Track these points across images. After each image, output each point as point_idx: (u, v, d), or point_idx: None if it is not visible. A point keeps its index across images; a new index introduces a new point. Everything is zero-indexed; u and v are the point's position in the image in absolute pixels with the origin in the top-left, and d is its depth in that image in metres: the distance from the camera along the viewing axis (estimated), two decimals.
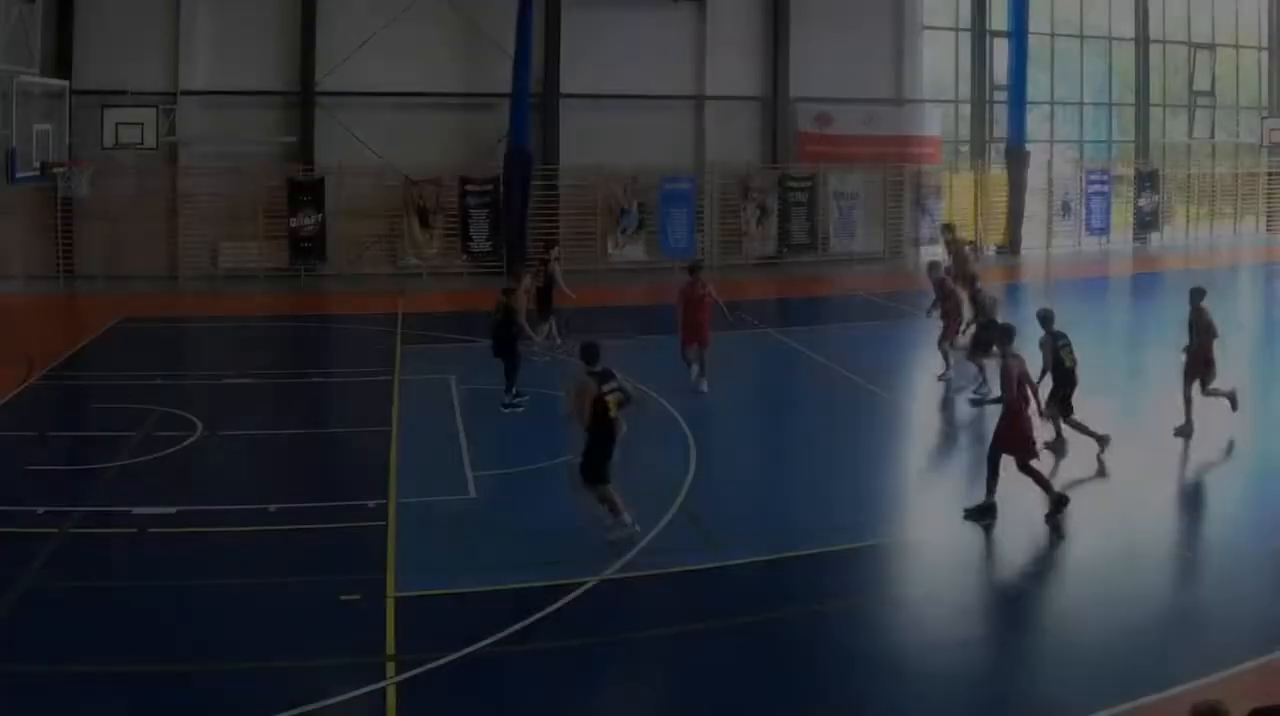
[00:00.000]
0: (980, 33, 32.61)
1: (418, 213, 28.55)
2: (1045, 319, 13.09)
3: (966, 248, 21.08)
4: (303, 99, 28.45)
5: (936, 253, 25.46)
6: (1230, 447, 13.92)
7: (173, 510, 11.75)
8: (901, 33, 31.26)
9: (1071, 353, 12.96)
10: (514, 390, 15.52)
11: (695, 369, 16.17)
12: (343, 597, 9.64)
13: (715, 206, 30.39)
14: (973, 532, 11.21)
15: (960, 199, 32.18)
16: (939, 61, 33.17)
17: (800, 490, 12.46)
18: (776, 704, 8.09)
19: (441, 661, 8.48)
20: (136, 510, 11.70)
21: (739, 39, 30.42)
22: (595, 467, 10.62)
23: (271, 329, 21.74)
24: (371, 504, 11.25)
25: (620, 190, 29.37)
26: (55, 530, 11.25)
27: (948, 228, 22.82)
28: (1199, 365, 13.90)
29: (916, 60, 31.78)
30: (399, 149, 28.36)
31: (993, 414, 12.71)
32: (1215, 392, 14.07)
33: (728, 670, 8.61)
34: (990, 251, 32.54)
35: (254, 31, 28.40)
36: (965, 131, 33.50)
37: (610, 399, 10.55)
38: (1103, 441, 13.10)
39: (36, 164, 22.89)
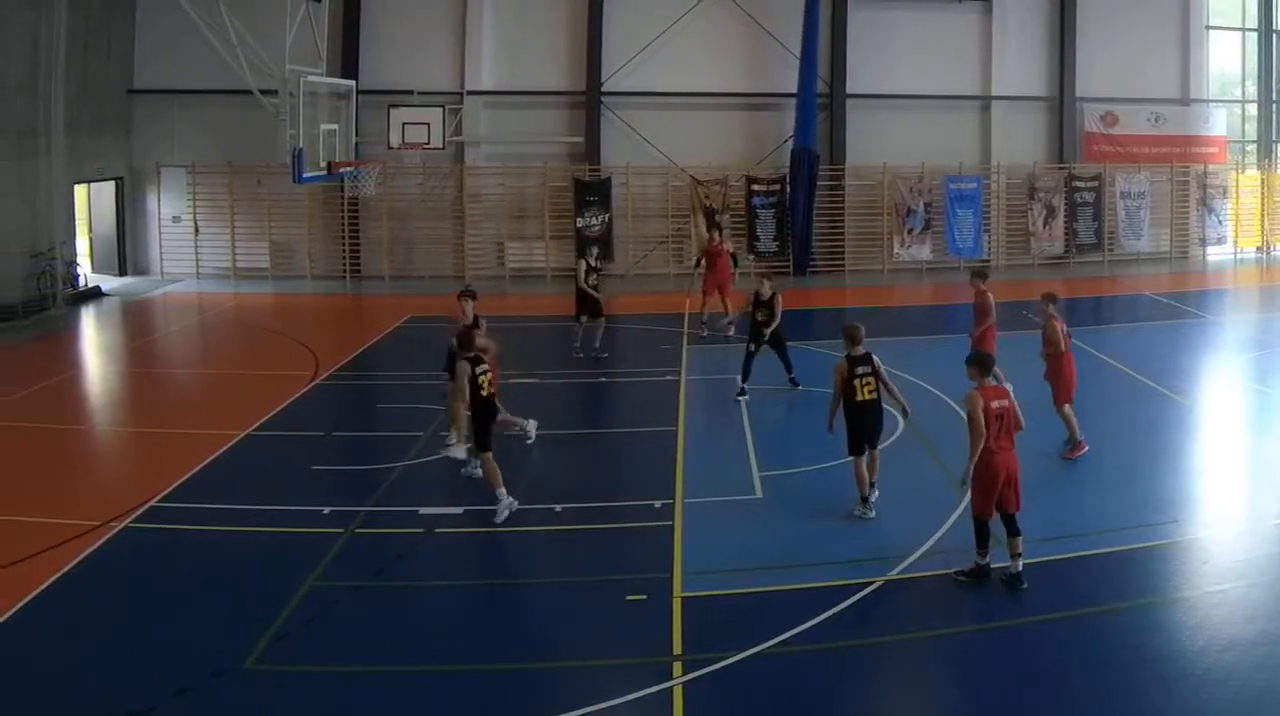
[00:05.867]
0: (1267, 32, 31.82)
1: (704, 212, 28.34)
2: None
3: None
4: (588, 99, 28.48)
5: None
6: None
7: (459, 510, 11.72)
8: (1186, 32, 30.66)
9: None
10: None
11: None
12: (629, 597, 9.63)
13: (1002, 206, 29.88)
14: (1263, 532, 10.84)
15: (1246, 199, 31.36)
16: (1225, 61, 32.46)
17: (1090, 490, 12.07)
18: (1063, 704, 7.90)
19: (728, 661, 8.40)
20: (423, 510, 11.67)
21: (1024, 39, 30.03)
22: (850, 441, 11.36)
23: (558, 329, 21.32)
24: (658, 504, 11.19)
25: (906, 190, 28.95)
26: (342, 530, 11.22)
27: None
28: None
29: (1202, 60, 31.14)
30: (684, 149, 28.38)
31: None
32: None
33: (1014, 670, 8.41)
34: (1277, 252, 31.71)
35: (539, 32, 28.67)
36: (1251, 131, 32.67)
37: (858, 382, 11.19)
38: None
39: (323, 164, 22.84)
